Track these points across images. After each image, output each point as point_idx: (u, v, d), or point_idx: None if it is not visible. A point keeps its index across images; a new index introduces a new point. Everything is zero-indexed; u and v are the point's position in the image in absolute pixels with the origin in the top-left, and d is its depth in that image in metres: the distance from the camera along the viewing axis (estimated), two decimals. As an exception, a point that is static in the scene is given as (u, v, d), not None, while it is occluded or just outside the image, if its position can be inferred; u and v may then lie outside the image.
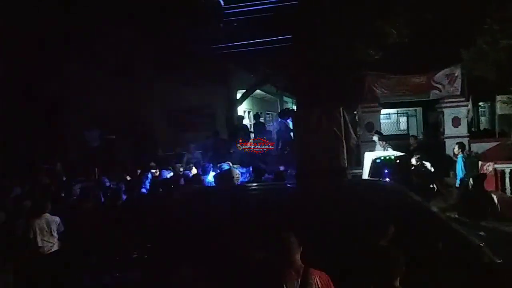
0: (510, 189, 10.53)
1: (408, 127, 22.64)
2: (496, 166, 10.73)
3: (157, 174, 9.12)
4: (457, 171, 10.32)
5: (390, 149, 10.01)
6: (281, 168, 8.34)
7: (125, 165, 10.96)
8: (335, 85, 8.02)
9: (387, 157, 8.57)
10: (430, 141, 14.25)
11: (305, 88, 7.96)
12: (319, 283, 3.07)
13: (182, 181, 7.68)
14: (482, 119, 22.07)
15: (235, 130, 13.15)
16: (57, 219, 6.09)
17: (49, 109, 13.64)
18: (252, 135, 13.96)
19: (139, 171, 9.63)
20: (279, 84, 15.65)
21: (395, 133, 20.25)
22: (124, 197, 7.53)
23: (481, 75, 12.22)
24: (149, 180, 8.67)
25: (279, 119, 11.65)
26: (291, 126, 10.05)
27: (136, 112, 14.57)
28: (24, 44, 11.13)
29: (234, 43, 12.15)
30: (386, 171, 8.34)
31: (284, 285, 3.00)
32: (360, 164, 10.04)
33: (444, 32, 11.97)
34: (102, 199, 7.05)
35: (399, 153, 8.97)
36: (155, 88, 14.21)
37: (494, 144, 13.04)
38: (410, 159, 8.78)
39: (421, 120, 23.01)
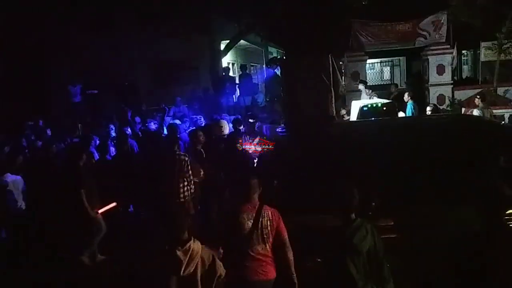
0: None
1: (392, 76, 22.76)
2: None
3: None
4: None
5: (375, 97, 10.05)
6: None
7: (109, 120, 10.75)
8: (323, 32, 7.87)
9: (374, 105, 8.63)
10: (413, 89, 14.32)
11: (293, 35, 7.80)
12: (270, 216, 3.76)
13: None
14: (464, 67, 22.19)
15: (221, 82, 12.96)
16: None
17: (31, 65, 13.24)
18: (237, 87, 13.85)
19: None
20: (264, 34, 15.29)
21: (379, 83, 20.29)
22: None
23: (466, 21, 12.13)
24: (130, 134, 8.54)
25: (267, 69, 11.47)
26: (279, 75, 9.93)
27: (119, 66, 14.21)
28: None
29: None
30: (373, 118, 8.43)
31: (241, 214, 3.74)
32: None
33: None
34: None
35: (385, 100, 9.02)
36: (137, 41, 13.78)
37: (477, 91, 13.19)
38: (396, 106, 8.84)
39: (404, 69, 23.09)
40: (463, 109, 11.38)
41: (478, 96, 10.04)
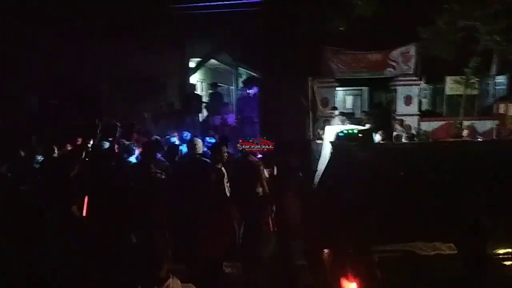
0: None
1: (353, 105, 23.26)
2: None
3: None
4: None
5: (349, 124, 9.95)
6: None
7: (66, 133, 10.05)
8: (302, 55, 7.73)
9: (350, 131, 8.47)
10: (382, 118, 14.48)
11: (272, 57, 7.59)
12: None
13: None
14: (424, 100, 22.99)
15: (188, 99, 12.54)
16: None
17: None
18: (204, 105, 13.45)
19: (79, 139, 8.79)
20: (236, 54, 15.09)
21: (341, 111, 20.57)
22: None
23: (435, 55, 12.45)
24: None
25: (238, 89, 11.18)
26: (253, 97, 9.65)
27: (81, 77, 13.52)
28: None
29: (190, 5, 11.38)
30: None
31: None
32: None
33: (405, 9, 12.01)
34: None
35: (361, 127, 8.91)
36: (105, 52, 13.19)
37: (442, 123, 13.51)
38: (372, 133, 8.73)
39: (366, 99, 23.70)
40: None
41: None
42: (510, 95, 17.48)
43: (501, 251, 3.54)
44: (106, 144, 7.93)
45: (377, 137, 8.99)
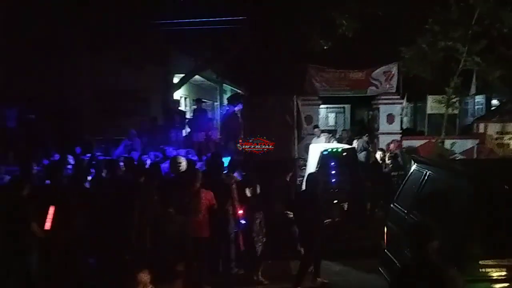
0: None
1: (335, 123, 23.48)
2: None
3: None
4: None
5: (335, 142, 9.97)
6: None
7: (45, 149, 9.79)
8: (287, 73, 7.73)
9: (334, 149, 8.48)
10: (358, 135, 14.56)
11: (257, 74, 7.56)
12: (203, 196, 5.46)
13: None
14: (404, 118, 23.37)
15: (171, 115, 12.40)
16: None
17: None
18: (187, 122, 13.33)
19: (57, 155, 8.58)
20: (221, 71, 15.04)
21: (323, 128, 20.81)
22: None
23: (416, 74, 12.64)
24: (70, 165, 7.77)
25: (223, 106, 11.08)
26: (238, 113, 9.56)
27: (62, 91, 13.28)
28: None
29: (175, 21, 11.32)
30: (333, 163, 8.27)
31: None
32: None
33: (387, 29, 12.20)
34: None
35: (346, 146, 8.92)
36: (84, 65, 13.00)
37: (424, 141, 13.64)
38: (356, 152, 8.74)
39: (348, 117, 23.97)
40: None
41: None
42: (488, 115, 17.90)
43: None
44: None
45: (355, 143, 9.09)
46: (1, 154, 9.29)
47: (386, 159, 8.78)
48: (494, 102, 20.56)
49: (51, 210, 5.24)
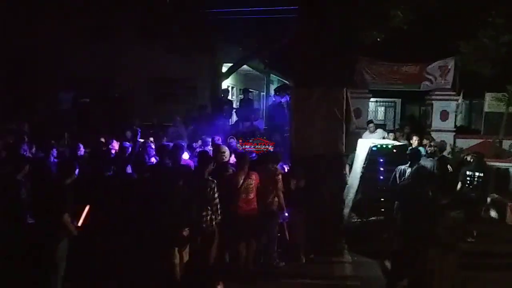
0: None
1: (385, 117, 22.76)
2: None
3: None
4: None
5: (389, 139, 9.66)
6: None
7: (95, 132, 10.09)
8: (337, 65, 7.47)
9: (384, 145, 8.19)
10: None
11: (306, 65, 7.37)
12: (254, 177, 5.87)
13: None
14: (459, 116, 22.33)
15: (219, 104, 12.47)
16: None
17: (18, 68, 12.69)
18: (235, 112, 13.38)
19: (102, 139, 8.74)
20: (269, 61, 14.96)
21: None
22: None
23: (474, 70, 11.97)
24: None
25: (269, 96, 10.97)
26: (284, 105, 9.47)
27: (114, 77, 13.70)
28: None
29: (225, 10, 11.30)
30: (382, 159, 7.99)
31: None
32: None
33: (445, 22, 11.62)
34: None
35: (396, 142, 8.61)
36: (136, 53, 13.32)
37: (479, 141, 12.95)
38: (407, 149, 8.40)
39: (399, 112, 23.14)
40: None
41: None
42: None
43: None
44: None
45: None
46: (57, 136, 9.66)
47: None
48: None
49: (87, 209, 5.17)
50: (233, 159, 6.63)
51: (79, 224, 5.09)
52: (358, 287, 6.00)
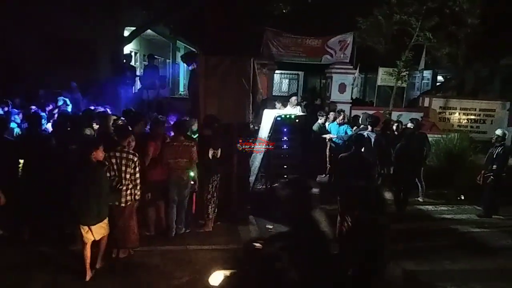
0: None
1: (289, 89, 23.61)
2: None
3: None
4: None
5: (297, 108, 10.01)
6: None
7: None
8: (245, 34, 7.50)
9: (288, 115, 8.51)
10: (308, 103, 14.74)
11: (215, 33, 7.29)
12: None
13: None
14: (355, 89, 23.92)
15: (121, 70, 11.86)
16: None
17: None
18: (138, 78, 12.85)
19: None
20: (174, 26, 14.45)
21: (277, 94, 20.86)
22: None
23: (370, 45, 12.84)
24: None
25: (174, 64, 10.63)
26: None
27: (3, 38, 12.22)
28: None
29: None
30: (285, 129, 8.32)
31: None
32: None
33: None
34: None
35: (299, 113, 8.98)
36: (27, 9, 11.98)
37: (372, 112, 14.05)
38: (309, 120, 8.83)
39: (301, 84, 24.14)
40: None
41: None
42: (434, 90, 18.64)
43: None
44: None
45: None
46: None
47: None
48: (440, 78, 21.45)
49: None
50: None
51: None
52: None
